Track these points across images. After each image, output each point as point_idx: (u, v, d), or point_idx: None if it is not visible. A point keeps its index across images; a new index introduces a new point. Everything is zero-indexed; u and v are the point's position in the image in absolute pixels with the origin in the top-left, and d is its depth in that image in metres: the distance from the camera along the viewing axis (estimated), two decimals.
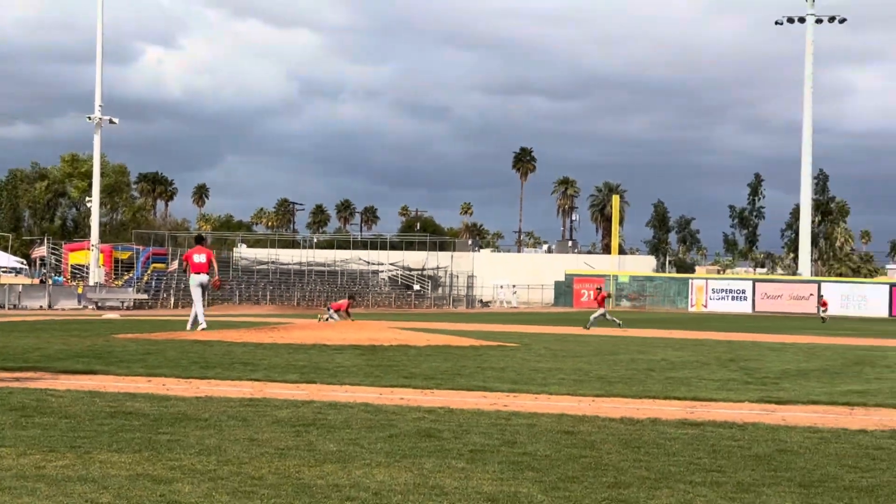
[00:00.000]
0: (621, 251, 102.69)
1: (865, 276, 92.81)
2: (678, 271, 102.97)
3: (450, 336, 26.89)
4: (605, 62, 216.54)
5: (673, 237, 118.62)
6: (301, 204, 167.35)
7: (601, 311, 36.90)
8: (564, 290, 72.14)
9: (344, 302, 36.85)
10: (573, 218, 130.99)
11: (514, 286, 75.76)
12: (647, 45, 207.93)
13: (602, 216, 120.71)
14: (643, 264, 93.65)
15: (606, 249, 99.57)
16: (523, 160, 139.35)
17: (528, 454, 9.16)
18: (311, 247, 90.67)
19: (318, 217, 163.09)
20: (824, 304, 53.38)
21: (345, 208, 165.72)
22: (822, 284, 67.41)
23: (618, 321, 36.18)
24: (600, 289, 42.09)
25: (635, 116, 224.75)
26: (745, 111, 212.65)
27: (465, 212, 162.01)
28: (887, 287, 63.31)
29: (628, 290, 70.66)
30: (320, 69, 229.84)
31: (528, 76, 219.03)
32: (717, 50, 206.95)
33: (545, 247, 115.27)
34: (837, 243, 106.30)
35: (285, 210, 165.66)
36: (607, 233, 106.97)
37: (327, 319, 34.08)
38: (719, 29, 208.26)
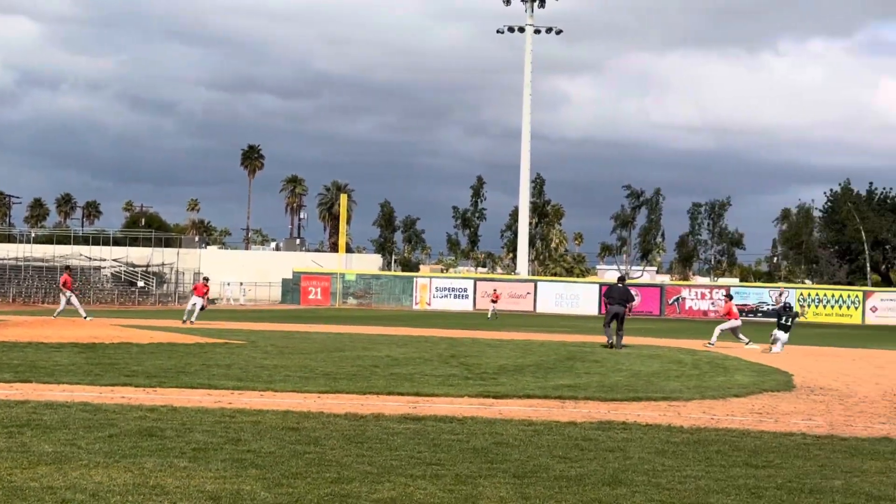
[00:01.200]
0: (349, 249, 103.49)
1: (578, 276, 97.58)
2: (403, 270, 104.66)
3: (174, 333, 26.31)
4: (334, 62, 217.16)
5: (399, 236, 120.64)
6: (18, 197, 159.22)
7: (732, 323, 30.05)
8: (292, 288, 71.95)
9: (201, 285, 36.18)
10: (301, 216, 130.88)
11: (241, 283, 74.93)
12: (374, 47, 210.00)
13: (330, 215, 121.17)
14: (370, 263, 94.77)
15: (334, 248, 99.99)
16: (251, 157, 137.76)
17: (252, 451, 9.14)
18: (28, 241, 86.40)
19: (37, 211, 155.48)
20: (496, 298, 54.45)
21: (65, 202, 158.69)
22: (539, 283, 70.28)
23: (745, 339, 29.51)
24: (730, 297, 33.92)
25: (363, 117, 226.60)
26: (469, 116, 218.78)
27: (192, 208, 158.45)
28: (597, 286, 66.66)
29: (355, 288, 71.32)
30: (39, 59, 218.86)
31: (256, 73, 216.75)
32: (443, 55, 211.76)
33: (273, 244, 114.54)
34: (553, 244, 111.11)
35: (0, 203, 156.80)
36: (335, 231, 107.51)
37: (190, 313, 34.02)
38: (445, 35, 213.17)
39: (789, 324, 28.49)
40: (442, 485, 7.99)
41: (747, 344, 28.69)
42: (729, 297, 33.41)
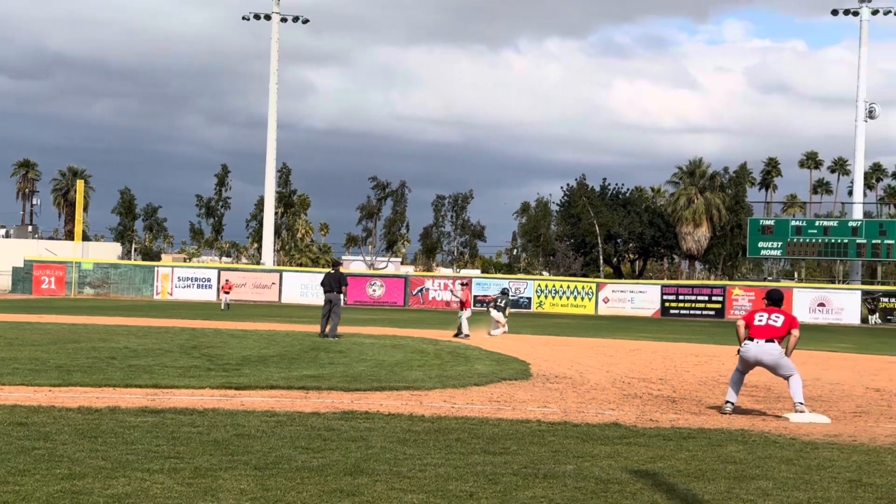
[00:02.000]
0: (85, 238, 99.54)
1: (323, 266, 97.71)
2: (144, 259, 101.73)
3: None
4: (71, 44, 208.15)
5: (140, 225, 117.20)
6: None
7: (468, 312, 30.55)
8: (23, 277, 68.50)
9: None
10: (34, 202, 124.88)
11: None
12: (115, 29, 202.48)
13: (65, 201, 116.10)
14: (108, 251, 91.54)
15: (70, 235, 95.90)
16: None
17: None
18: None
19: None
20: (228, 288, 53.80)
21: None
22: (284, 274, 69.81)
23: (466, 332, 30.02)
24: (466, 284, 34.86)
25: (101, 101, 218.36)
26: (213, 103, 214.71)
27: None
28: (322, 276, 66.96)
29: (92, 277, 68.64)
30: None
31: None
32: (187, 41, 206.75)
33: (3, 231, 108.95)
34: (299, 235, 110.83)
35: None
36: (71, 219, 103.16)
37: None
38: (190, 20, 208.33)
39: (502, 304, 31.23)
40: (180, 478, 7.79)
41: (461, 335, 29.57)
42: (465, 284, 34.34)
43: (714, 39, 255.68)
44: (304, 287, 67.36)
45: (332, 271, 28.38)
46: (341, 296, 27.62)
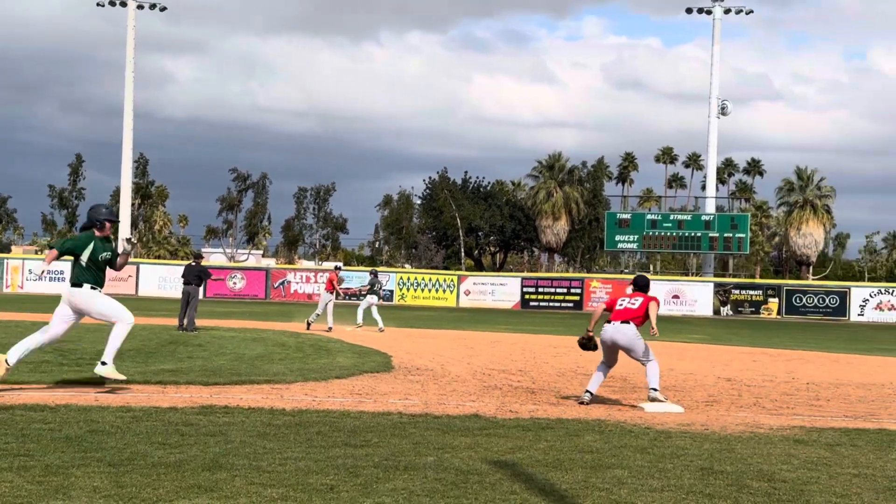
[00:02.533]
0: None
1: (183, 259, 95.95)
2: None
3: None
4: None
5: None
6: None
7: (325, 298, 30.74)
8: None
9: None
10: None
11: None
12: None
13: None
14: None
15: None
16: None
17: None
18: None
19: None
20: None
21: None
22: (141, 266, 68.34)
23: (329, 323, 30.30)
24: (338, 268, 35.90)
25: None
26: (66, 91, 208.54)
27: None
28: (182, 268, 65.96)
29: None
30: None
31: None
32: (40, 26, 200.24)
33: None
34: (157, 226, 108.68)
35: None
36: None
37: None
38: (43, 5, 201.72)
39: (375, 288, 31.95)
40: (30, 476, 7.55)
41: (327, 328, 29.53)
42: (337, 268, 34.14)
43: (573, 36, 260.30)
44: (163, 280, 66.07)
45: (193, 264, 27.95)
46: (199, 288, 27.25)
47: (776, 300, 64.67)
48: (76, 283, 12.89)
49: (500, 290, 68.03)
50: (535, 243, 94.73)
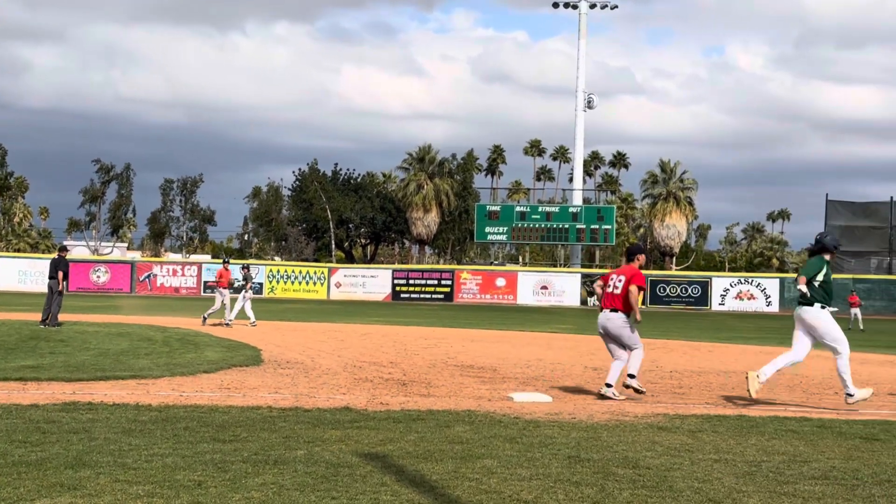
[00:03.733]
0: None
1: (45, 253, 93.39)
2: None
3: None
4: None
5: None
6: None
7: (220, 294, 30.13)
8: None
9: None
10: None
11: None
12: None
13: None
14: None
15: None
16: None
17: None
18: None
19: None
20: None
21: None
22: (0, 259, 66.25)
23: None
24: (226, 262, 33.63)
25: None
26: None
27: None
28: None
29: None
30: None
31: None
32: None
33: None
34: (16, 219, 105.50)
35: None
36: None
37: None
38: None
39: (243, 284, 31.25)
40: None
41: (225, 322, 29.15)
42: (225, 261, 33.43)
43: (441, 28, 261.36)
44: (23, 273, 64.15)
45: (57, 257, 27.21)
46: (64, 283, 26.52)
47: (641, 290, 66.15)
48: None
49: (371, 282, 67.99)
50: (406, 235, 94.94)
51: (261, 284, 67.21)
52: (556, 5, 75.23)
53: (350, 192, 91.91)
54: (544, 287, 66.66)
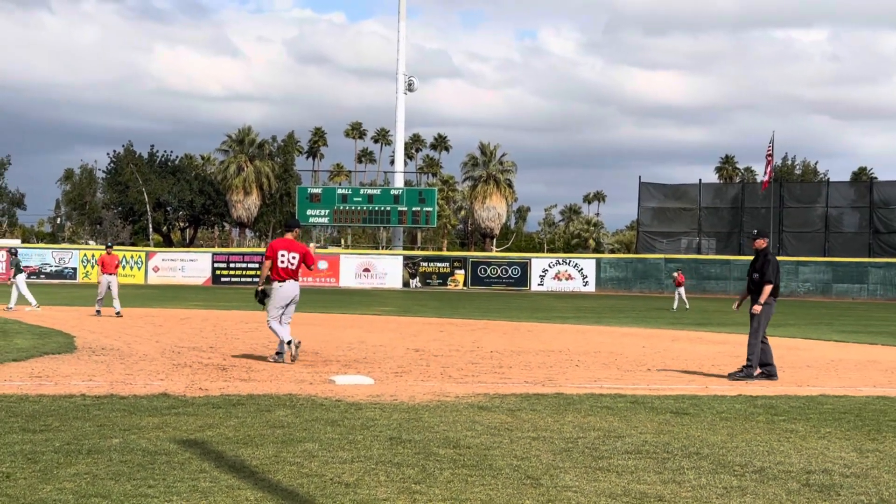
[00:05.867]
0: None
1: None
2: None
3: None
4: None
5: None
6: None
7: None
8: None
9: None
10: None
11: None
12: None
13: None
14: None
15: None
16: None
17: None
18: None
19: None
20: None
21: None
22: None
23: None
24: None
25: None
26: None
27: None
28: None
29: None
30: None
31: None
32: None
33: None
34: None
35: None
36: None
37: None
38: None
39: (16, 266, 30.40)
40: None
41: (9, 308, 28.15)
42: (109, 247, 32.08)
43: (257, 9, 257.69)
44: None
45: None
46: None
47: (462, 272, 66.93)
48: None
49: (190, 266, 66.72)
50: (227, 218, 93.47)
51: (75, 269, 65.08)
52: None
53: (168, 175, 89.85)
54: (367, 269, 66.71)
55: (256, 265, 66.77)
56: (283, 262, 15.75)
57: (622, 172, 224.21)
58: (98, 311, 27.81)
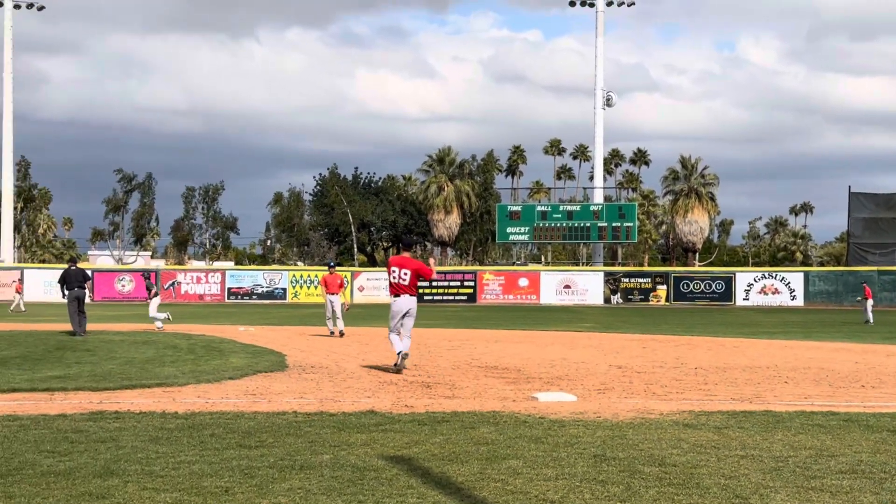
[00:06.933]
0: None
1: (68, 263, 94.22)
2: None
3: None
4: None
5: None
6: None
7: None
8: None
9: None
10: None
11: None
12: None
13: None
14: None
15: None
16: None
17: None
18: None
19: None
20: (19, 289, 51.58)
21: None
22: (26, 271, 66.68)
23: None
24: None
25: None
26: None
27: None
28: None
29: None
30: None
31: None
32: None
33: None
34: (41, 230, 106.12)
35: None
36: None
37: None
38: None
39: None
40: None
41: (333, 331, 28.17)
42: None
43: (455, 30, 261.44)
44: (48, 285, 64.52)
45: (73, 268, 27.29)
46: (87, 292, 26.73)
47: (664, 287, 65.94)
48: None
49: None
50: (428, 237, 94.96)
51: (284, 290, 67.37)
52: (572, 3, 75.10)
53: (371, 196, 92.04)
54: (567, 286, 66.55)
55: (458, 283, 67.55)
56: (394, 277, 16.95)
57: (830, 182, 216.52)
58: (331, 332, 27.90)
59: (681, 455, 9.03)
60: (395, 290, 17.00)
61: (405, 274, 16.90)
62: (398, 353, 16.81)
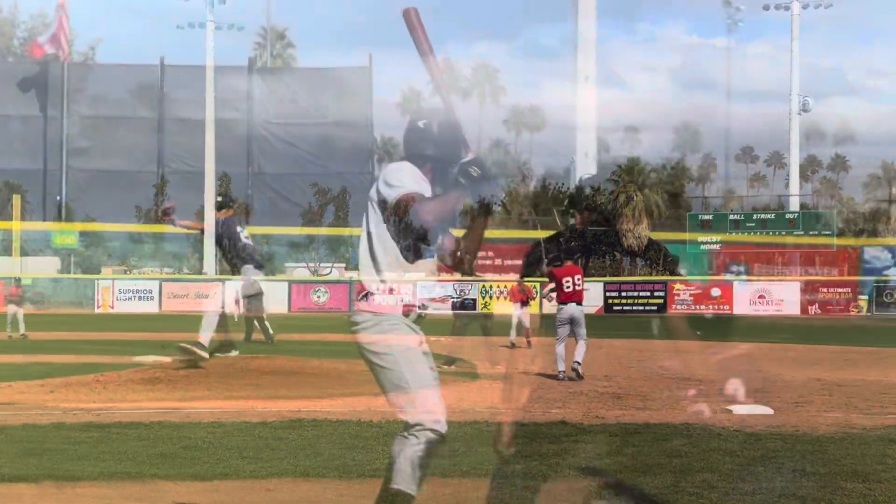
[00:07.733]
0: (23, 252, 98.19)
1: (268, 275, 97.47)
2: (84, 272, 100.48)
3: None
4: None
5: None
6: None
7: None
8: None
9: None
10: None
11: None
12: None
13: None
14: (48, 265, 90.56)
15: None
16: None
17: None
18: None
19: None
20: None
21: None
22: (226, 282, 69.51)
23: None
24: None
25: None
26: None
27: None
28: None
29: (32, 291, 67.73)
30: None
31: None
32: None
33: None
34: (239, 244, 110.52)
35: None
36: None
37: None
38: None
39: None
40: (128, 493, 7.73)
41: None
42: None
43: (644, 38, 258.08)
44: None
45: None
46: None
47: (865, 297, 63.41)
48: None
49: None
50: (617, 247, 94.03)
51: (474, 300, 67.95)
52: (766, 8, 73.24)
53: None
54: (762, 296, 64.77)
55: (648, 293, 66.67)
56: (567, 286, 18.01)
57: None
58: (511, 343, 27.18)
59: (886, 472, 8.68)
60: (569, 297, 18.03)
61: (578, 279, 18.53)
62: (569, 363, 17.16)
